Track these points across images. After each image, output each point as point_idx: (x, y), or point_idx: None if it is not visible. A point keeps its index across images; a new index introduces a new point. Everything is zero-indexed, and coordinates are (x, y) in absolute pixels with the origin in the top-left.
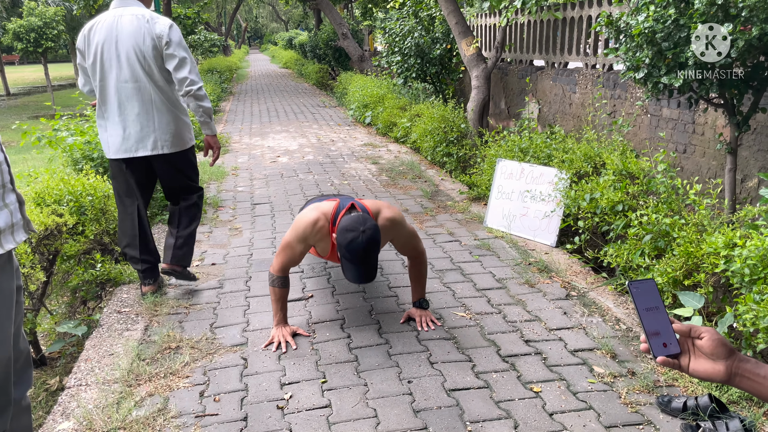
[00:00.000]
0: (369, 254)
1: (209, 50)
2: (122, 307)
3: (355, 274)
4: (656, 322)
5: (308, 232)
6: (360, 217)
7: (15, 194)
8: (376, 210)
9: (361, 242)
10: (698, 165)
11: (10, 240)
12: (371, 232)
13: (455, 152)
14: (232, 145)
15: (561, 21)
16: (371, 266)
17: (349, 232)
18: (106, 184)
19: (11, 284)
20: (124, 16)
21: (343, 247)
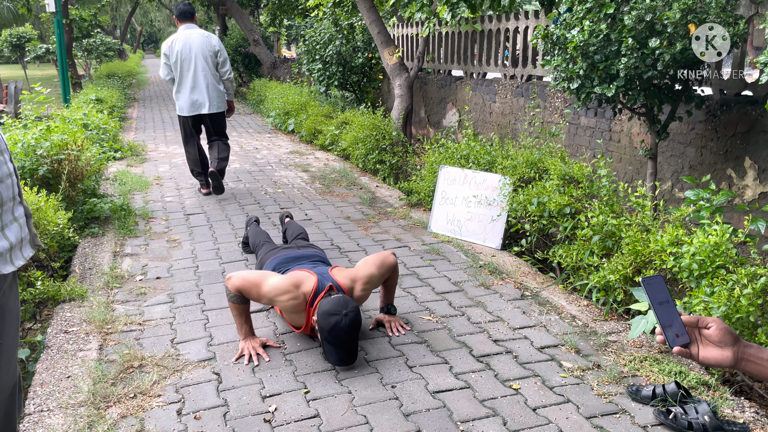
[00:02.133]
0: (352, 336)
1: (105, 54)
2: (68, 327)
3: (337, 357)
4: (668, 315)
5: (281, 301)
6: (341, 300)
7: (23, 207)
8: (350, 285)
9: (345, 325)
10: (616, 170)
11: (20, 256)
12: (353, 314)
13: (388, 160)
14: (149, 154)
15: (479, 33)
16: (353, 348)
17: (332, 316)
18: (36, 195)
19: (18, 303)
20: (193, 34)
21: (326, 332)
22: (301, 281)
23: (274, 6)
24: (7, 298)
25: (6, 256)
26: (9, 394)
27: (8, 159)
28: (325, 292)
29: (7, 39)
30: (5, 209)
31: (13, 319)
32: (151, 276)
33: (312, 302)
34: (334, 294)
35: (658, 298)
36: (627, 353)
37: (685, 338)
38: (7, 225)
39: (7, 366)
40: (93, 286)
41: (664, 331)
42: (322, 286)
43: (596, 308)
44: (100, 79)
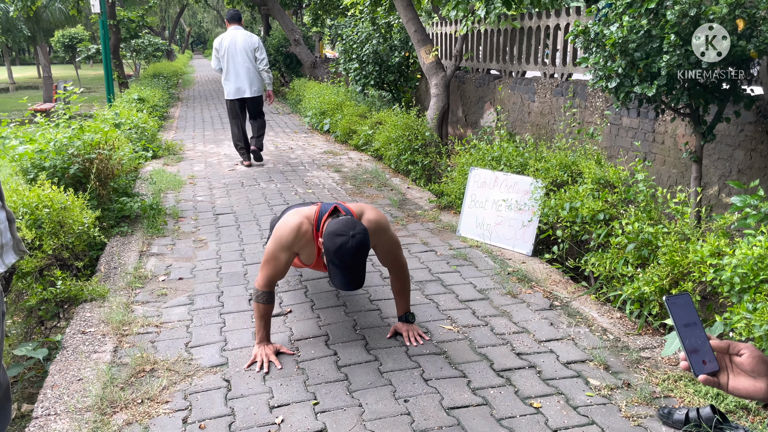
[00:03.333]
0: (359, 259)
1: (153, 54)
2: (86, 327)
3: (343, 280)
4: (695, 339)
5: (292, 239)
6: (348, 221)
7: (5, 212)
8: (360, 212)
9: (351, 247)
10: (659, 173)
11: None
12: (361, 236)
13: (420, 160)
14: (186, 153)
15: (519, 30)
16: (361, 271)
17: (338, 236)
18: (62, 195)
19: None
20: (239, 34)
21: (331, 253)
22: (303, 211)
23: (316, 6)
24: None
25: None
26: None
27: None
28: (330, 212)
29: (60, 40)
30: None
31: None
32: (174, 276)
33: (318, 227)
34: (341, 215)
35: (684, 320)
36: (660, 371)
37: (714, 365)
38: None
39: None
40: (115, 286)
41: (690, 357)
42: (326, 209)
43: (630, 321)
44: (145, 79)
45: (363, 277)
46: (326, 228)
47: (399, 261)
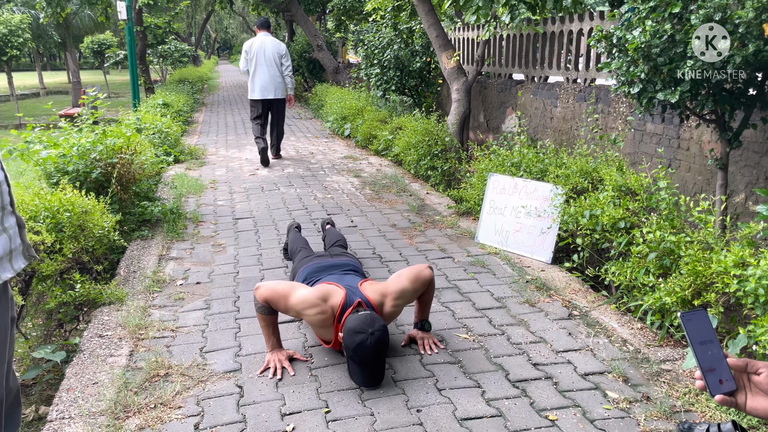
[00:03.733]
0: (378, 357)
1: (179, 60)
2: (104, 331)
3: (362, 377)
4: (711, 357)
5: (309, 314)
6: (367, 318)
7: (15, 217)
8: (380, 300)
9: (370, 345)
10: (684, 180)
11: (8, 268)
12: (380, 333)
13: (440, 166)
14: (209, 157)
15: (541, 35)
16: (381, 368)
17: (357, 334)
18: (84, 199)
19: (6, 317)
20: (267, 40)
21: (351, 350)
22: (328, 295)
23: (340, 11)
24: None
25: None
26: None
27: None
28: (353, 307)
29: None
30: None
31: (0, 335)
32: (191, 281)
33: (340, 318)
34: (362, 310)
35: (700, 337)
36: (681, 384)
37: (731, 384)
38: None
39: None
40: (134, 290)
41: (706, 375)
42: (350, 302)
43: (651, 332)
44: (171, 85)
45: (383, 373)
46: (346, 324)
47: (426, 285)
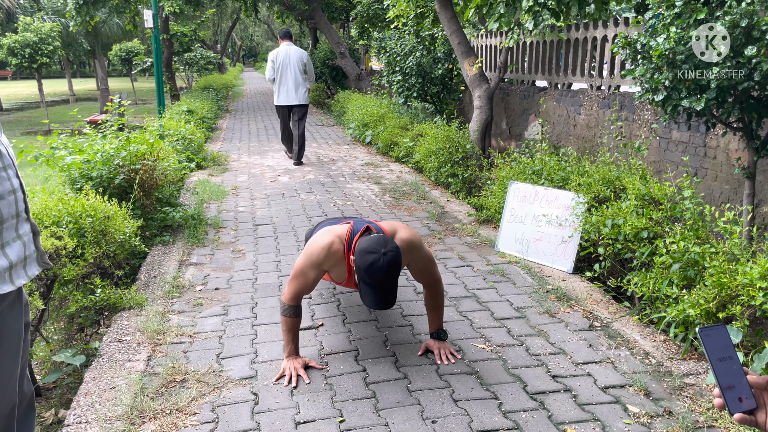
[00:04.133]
0: (390, 277)
1: (204, 68)
2: (123, 335)
3: (374, 299)
4: (730, 374)
5: (322, 257)
6: (380, 239)
7: (30, 224)
8: (392, 231)
9: (383, 265)
10: (710, 189)
11: (22, 275)
12: (393, 254)
13: (461, 173)
14: (231, 164)
15: (565, 42)
16: (392, 290)
17: (369, 254)
18: (106, 204)
19: (19, 323)
20: (291, 49)
21: (362, 270)
22: (335, 229)
23: (363, 19)
24: (5, 318)
25: (5, 275)
26: (6, 417)
27: (13, 175)
28: (362, 231)
29: (117, 53)
30: (6, 227)
31: (13, 340)
32: (210, 286)
33: (349, 246)
34: (373, 233)
35: (719, 354)
36: (705, 399)
37: (751, 402)
38: (8, 243)
39: (2, 389)
40: (153, 295)
41: (724, 393)
42: (358, 228)
43: (674, 345)
44: (196, 92)
45: (395, 296)
46: (358, 245)
47: (433, 277)
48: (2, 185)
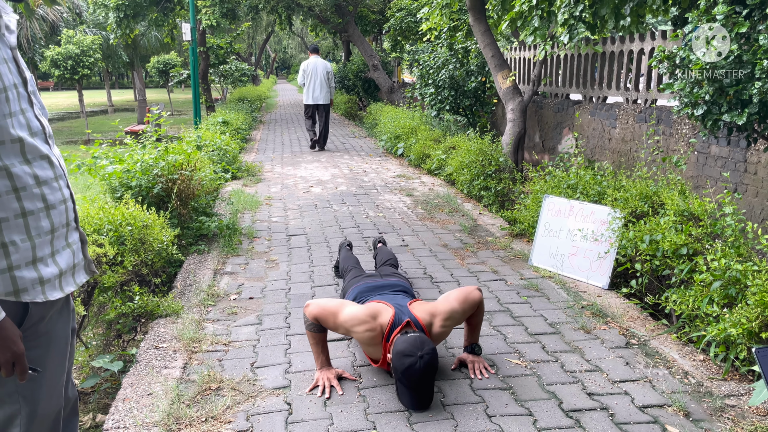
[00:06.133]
0: (427, 380)
1: (239, 79)
2: (159, 343)
3: (411, 400)
4: None
5: (357, 332)
6: (417, 340)
7: (78, 233)
8: (429, 320)
9: (419, 368)
10: (750, 205)
11: (71, 282)
12: (429, 357)
13: (493, 186)
14: (265, 174)
15: (600, 55)
16: (429, 392)
17: (406, 357)
18: (145, 213)
19: (67, 330)
20: (318, 60)
21: (399, 372)
22: (378, 313)
23: (395, 32)
24: (54, 323)
25: (55, 282)
26: (53, 421)
27: (64, 185)
28: (402, 327)
29: (155, 65)
30: (57, 235)
31: (60, 346)
32: (245, 296)
33: (388, 337)
34: (411, 331)
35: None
36: (747, 422)
37: None
38: (58, 251)
39: (50, 394)
40: (189, 303)
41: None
42: (399, 321)
43: (714, 365)
44: (231, 103)
45: (431, 397)
46: (395, 345)
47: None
48: (54, 195)
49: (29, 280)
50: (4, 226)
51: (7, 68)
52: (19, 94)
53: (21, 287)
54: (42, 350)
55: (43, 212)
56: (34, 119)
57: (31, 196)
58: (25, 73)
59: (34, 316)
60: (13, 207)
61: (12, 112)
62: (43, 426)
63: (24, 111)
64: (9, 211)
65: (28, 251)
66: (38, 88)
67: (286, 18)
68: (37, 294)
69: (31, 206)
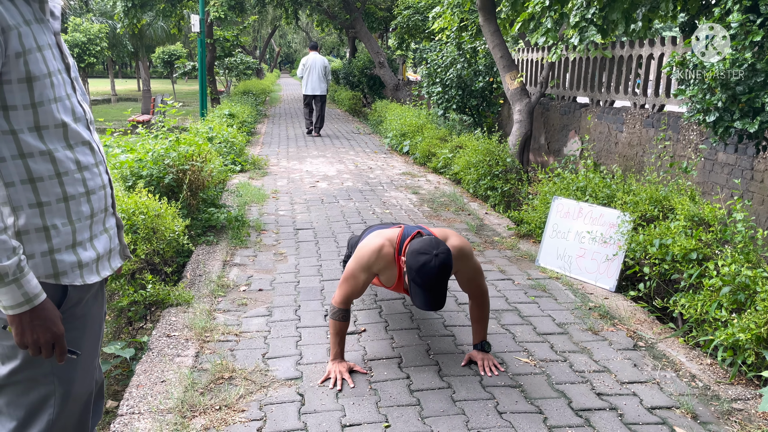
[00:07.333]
0: (441, 279)
1: (244, 72)
2: (171, 331)
3: (424, 299)
4: None
5: (372, 260)
6: (432, 240)
7: (115, 218)
8: (444, 236)
9: (434, 266)
10: (757, 213)
11: (107, 267)
12: (444, 256)
13: (500, 186)
14: (271, 168)
15: (609, 59)
16: (442, 292)
17: (421, 255)
18: (157, 203)
19: (101, 314)
20: (317, 56)
21: (414, 271)
22: (385, 233)
23: (402, 30)
24: (90, 307)
25: (92, 266)
26: (84, 403)
27: (103, 171)
28: (414, 235)
29: (160, 56)
30: (96, 220)
31: (95, 328)
32: (254, 287)
33: (400, 249)
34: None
35: None
36: (754, 425)
37: None
38: (96, 236)
39: (83, 375)
40: (200, 293)
41: None
42: (409, 232)
43: (721, 369)
44: (236, 96)
45: (444, 297)
46: (409, 246)
47: (480, 288)
48: (94, 180)
49: (69, 264)
50: (47, 210)
51: (51, 54)
52: (63, 80)
53: (61, 270)
54: (78, 332)
55: (84, 197)
56: (78, 105)
57: (72, 181)
58: (68, 59)
59: (72, 299)
60: (55, 191)
61: (57, 97)
62: (75, 407)
63: (68, 96)
64: (51, 195)
65: (69, 235)
66: None
67: (293, 12)
68: (75, 277)
69: (72, 191)
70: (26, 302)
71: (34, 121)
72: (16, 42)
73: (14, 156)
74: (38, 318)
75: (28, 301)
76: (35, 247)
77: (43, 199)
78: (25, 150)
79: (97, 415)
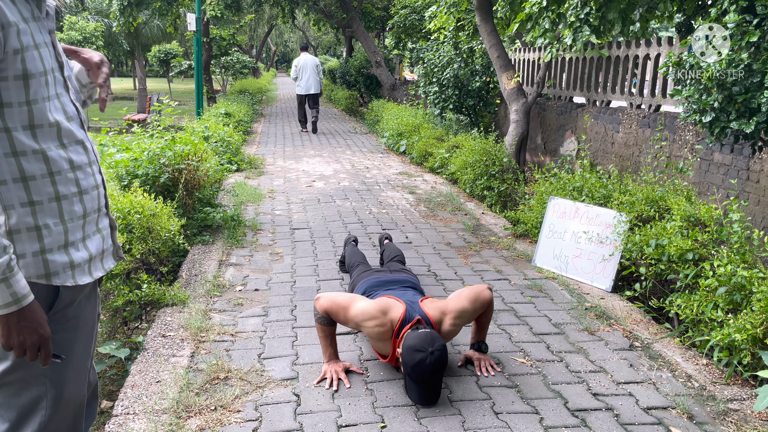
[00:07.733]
0: (436, 376)
1: (240, 71)
2: (167, 331)
3: (419, 395)
4: None
5: (367, 326)
6: (428, 336)
7: (108, 219)
8: (439, 318)
9: (429, 364)
10: (752, 213)
11: (99, 267)
12: (439, 353)
13: (497, 186)
14: (267, 167)
15: (605, 59)
16: (437, 387)
17: (417, 352)
18: (153, 202)
19: (93, 314)
20: (309, 57)
21: (409, 367)
22: (388, 308)
23: (399, 29)
24: (82, 308)
25: (85, 267)
26: (77, 405)
27: (97, 171)
28: (413, 324)
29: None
30: (88, 220)
31: (87, 330)
32: (250, 287)
33: (398, 333)
34: (421, 327)
35: None
36: (750, 426)
37: None
38: (89, 236)
39: (75, 377)
40: (195, 293)
41: None
42: (410, 317)
43: (717, 369)
44: (232, 95)
45: (439, 392)
46: (406, 340)
47: (485, 306)
48: (87, 180)
49: (60, 264)
50: (39, 209)
51: (47, 52)
52: (56, 79)
53: (52, 270)
54: (70, 334)
55: (77, 197)
56: (70, 104)
57: (65, 181)
58: (61, 58)
59: (64, 299)
60: (47, 191)
61: (50, 96)
62: (67, 409)
63: (60, 95)
64: (44, 194)
65: (61, 235)
66: None
67: (290, 11)
68: (67, 278)
69: (65, 190)
70: (14, 302)
71: (29, 119)
72: (14, 39)
73: (7, 154)
74: (25, 319)
75: (17, 302)
76: (26, 246)
77: (35, 198)
78: (18, 148)
79: (91, 416)
